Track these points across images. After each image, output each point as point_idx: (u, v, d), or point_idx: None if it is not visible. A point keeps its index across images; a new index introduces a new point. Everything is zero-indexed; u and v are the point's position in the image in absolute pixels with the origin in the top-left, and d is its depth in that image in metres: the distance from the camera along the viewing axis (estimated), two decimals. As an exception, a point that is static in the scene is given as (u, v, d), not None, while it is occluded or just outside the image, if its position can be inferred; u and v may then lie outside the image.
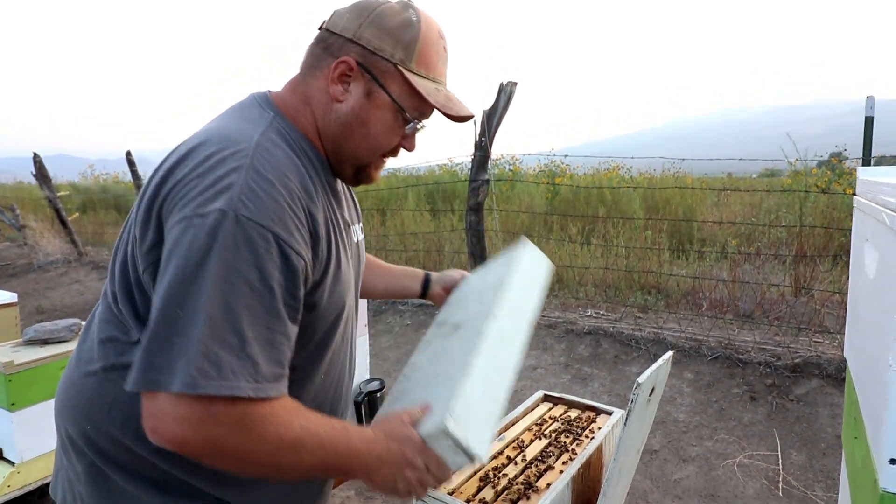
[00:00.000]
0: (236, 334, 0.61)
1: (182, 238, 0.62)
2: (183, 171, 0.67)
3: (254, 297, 0.63)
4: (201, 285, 0.60)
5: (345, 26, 0.76)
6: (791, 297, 3.65)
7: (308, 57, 0.80)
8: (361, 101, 0.76)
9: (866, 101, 2.60)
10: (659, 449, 2.43)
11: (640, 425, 1.11)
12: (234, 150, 0.67)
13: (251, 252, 0.63)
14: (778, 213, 4.88)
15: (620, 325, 3.48)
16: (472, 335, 0.89)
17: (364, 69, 0.75)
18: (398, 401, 0.89)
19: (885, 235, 0.69)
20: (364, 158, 0.81)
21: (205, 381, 0.59)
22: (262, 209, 0.64)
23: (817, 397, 2.62)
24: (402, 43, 0.76)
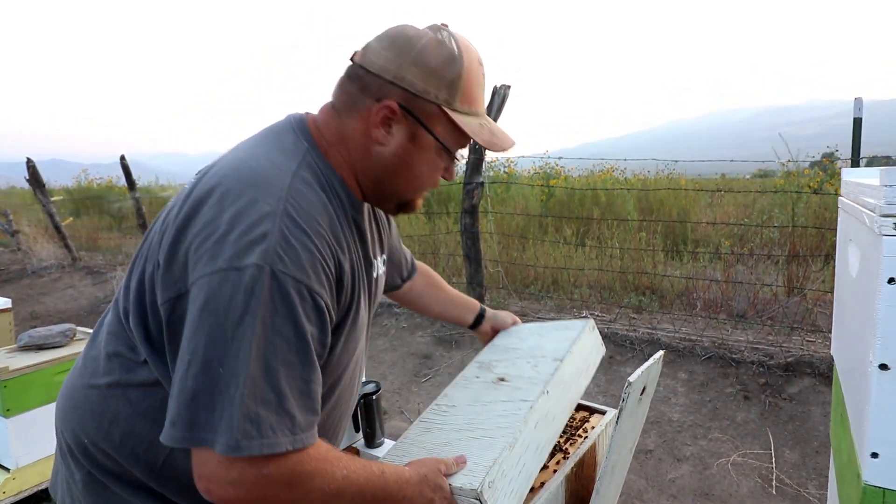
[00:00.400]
0: (275, 391, 0.63)
1: (219, 293, 0.62)
2: (213, 210, 0.66)
3: (290, 350, 0.64)
4: (241, 344, 0.61)
5: (383, 66, 0.72)
6: (784, 297, 3.68)
7: (343, 94, 0.76)
8: (405, 144, 0.75)
9: (854, 103, 2.63)
10: (654, 448, 2.45)
11: (632, 424, 1.12)
12: (267, 193, 0.67)
13: (287, 307, 0.64)
14: (771, 213, 4.92)
15: (615, 325, 3.50)
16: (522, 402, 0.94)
17: (407, 112, 0.73)
18: (430, 431, 0.95)
19: (865, 235, 0.71)
20: (407, 194, 0.81)
21: (247, 442, 0.60)
22: (296, 262, 0.65)
23: (810, 396, 2.64)
24: (445, 82, 0.73)
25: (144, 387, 0.73)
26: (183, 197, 0.71)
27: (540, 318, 3.74)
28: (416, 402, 3.05)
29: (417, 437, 0.96)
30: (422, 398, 3.09)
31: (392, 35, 0.74)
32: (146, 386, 0.73)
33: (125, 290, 0.76)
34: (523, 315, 3.86)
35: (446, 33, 0.75)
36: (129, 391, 0.74)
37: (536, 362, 1.09)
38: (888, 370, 0.62)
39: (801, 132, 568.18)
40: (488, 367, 1.14)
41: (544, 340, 1.19)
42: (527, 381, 1.02)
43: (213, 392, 0.61)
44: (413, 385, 3.25)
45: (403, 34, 0.73)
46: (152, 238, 0.74)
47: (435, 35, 0.74)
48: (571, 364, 1.08)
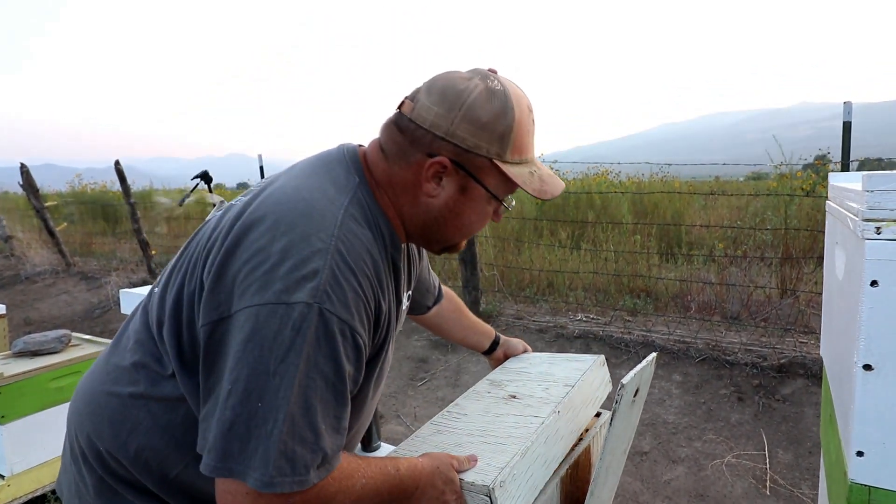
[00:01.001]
0: (312, 430, 0.64)
1: (266, 326, 0.63)
2: (265, 238, 0.66)
3: (328, 389, 0.65)
4: (283, 380, 0.62)
5: (434, 122, 0.72)
6: (777, 299, 3.71)
7: (391, 143, 0.76)
8: (456, 197, 0.76)
9: (844, 107, 2.66)
10: (649, 450, 2.47)
11: (626, 425, 1.14)
12: (319, 227, 0.67)
13: (330, 346, 0.65)
14: (764, 215, 4.96)
15: (610, 328, 3.52)
16: (534, 418, 0.99)
17: (459, 166, 0.74)
18: (441, 433, 0.99)
19: (850, 239, 0.73)
20: (454, 240, 0.83)
21: (280, 479, 0.61)
22: (343, 302, 0.66)
23: (803, 397, 2.66)
24: (496, 135, 0.73)
25: (167, 401, 0.74)
26: (233, 217, 0.71)
27: (535, 321, 3.76)
28: (413, 405, 3.06)
29: (429, 437, 0.99)
30: (418, 402, 3.09)
31: (441, 88, 0.73)
32: (169, 400, 0.73)
33: (160, 301, 0.75)
34: (519, 318, 3.87)
35: (496, 81, 0.74)
36: (152, 404, 0.74)
37: (547, 385, 1.14)
38: (872, 370, 0.63)
39: (794, 134, 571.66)
40: (500, 384, 1.20)
41: (555, 368, 1.25)
42: (538, 401, 1.07)
43: (250, 425, 0.62)
44: (409, 389, 3.25)
45: (453, 87, 0.73)
46: (194, 252, 0.74)
47: (485, 85, 0.73)
48: (581, 392, 1.13)
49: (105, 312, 5.12)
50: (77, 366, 2.04)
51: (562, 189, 0.80)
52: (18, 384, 1.90)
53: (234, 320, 0.65)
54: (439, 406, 3.02)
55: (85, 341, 2.23)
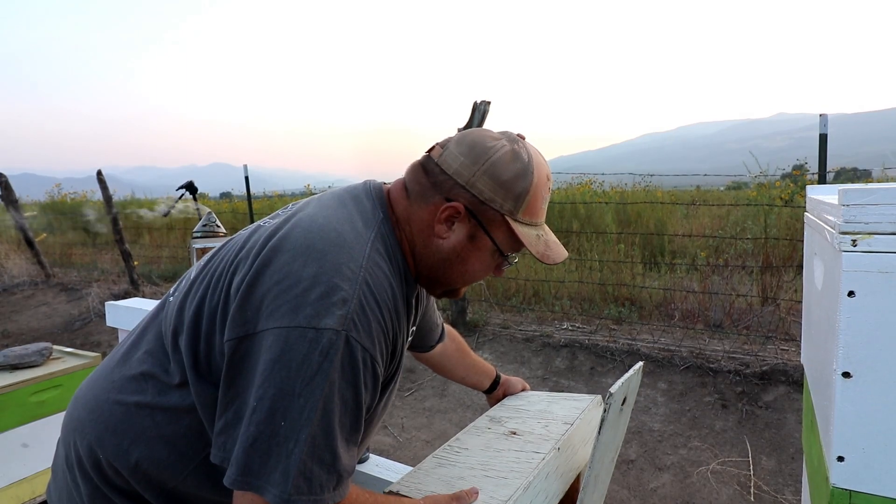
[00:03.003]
0: (330, 452, 0.66)
1: (295, 348, 0.65)
2: (297, 263, 0.69)
3: (347, 414, 0.68)
4: (307, 402, 0.64)
5: (458, 171, 0.76)
6: (758, 307, 3.78)
7: (416, 183, 0.80)
8: (464, 243, 0.79)
9: (820, 120, 2.74)
10: (635, 458, 2.49)
11: (614, 434, 1.15)
12: (349, 258, 0.70)
13: (353, 373, 0.68)
14: (744, 225, 5.06)
15: (596, 337, 3.55)
16: (535, 454, 1.02)
17: (472, 215, 0.78)
18: (443, 466, 1.02)
19: (827, 250, 0.76)
20: (457, 285, 0.86)
21: (297, 497, 0.63)
22: (367, 331, 0.69)
23: (785, 403, 2.71)
24: (513, 195, 0.77)
25: (173, 411, 0.74)
26: (264, 238, 0.74)
27: (521, 330, 3.77)
28: (400, 416, 3.05)
29: (431, 470, 1.02)
30: (405, 412, 3.08)
31: (471, 142, 0.78)
32: (175, 411, 0.74)
33: (179, 310, 0.77)
34: (505, 327, 3.89)
35: (522, 146, 0.79)
36: (157, 413, 0.74)
37: (547, 423, 1.19)
38: (850, 378, 0.66)
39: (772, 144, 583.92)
40: (499, 421, 1.23)
41: (553, 406, 1.30)
42: (538, 437, 1.11)
43: (272, 443, 0.64)
44: (396, 399, 3.24)
45: (482, 143, 0.78)
46: (219, 267, 0.75)
47: (511, 147, 0.78)
48: (579, 430, 1.17)
49: (86, 324, 5.02)
50: (58, 379, 2.00)
51: (564, 257, 0.85)
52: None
53: (262, 339, 0.67)
54: (426, 417, 3.01)
55: (66, 354, 2.19)
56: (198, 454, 0.75)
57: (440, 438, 2.78)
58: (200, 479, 0.75)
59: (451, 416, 3.01)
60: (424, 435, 2.84)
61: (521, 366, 3.39)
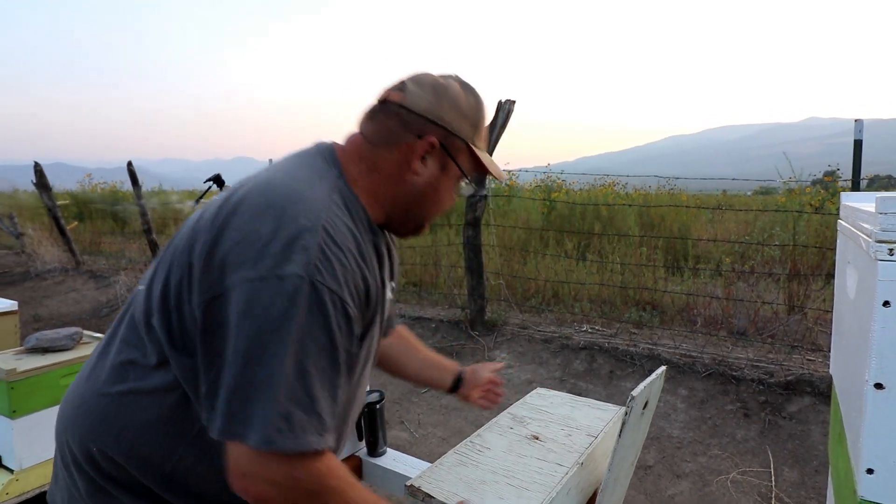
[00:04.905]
0: (307, 394, 0.67)
1: (260, 298, 0.67)
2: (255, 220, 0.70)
3: (322, 357, 0.69)
4: (279, 347, 0.66)
5: (427, 108, 0.82)
6: (784, 315, 3.69)
7: (379, 129, 0.84)
8: (437, 174, 0.86)
9: (855, 125, 2.67)
10: (653, 464, 2.46)
11: (635, 437, 1.14)
12: (306, 209, 0.72)
13: (323, 316, 0.69)
14: (772, 231, 4.95)
15: (616, 340, 3.52)
16: (558, 466, 1.04)
17: (443, 147, 0.84)
18: (465, 466, 1.04)
19: (862, 259, 0.74)
20: (429, 217, 0.92)
21: (279, 437, 0.65)
22: (333, 275, 0.70)
23: (809, 415, 2.65)
24: (472, 123, 0.86)
25: (157, 393, 0.76)
26: (218, 204, 0.75)
27: (540, 331, 3.76)
28: (417, 412, 3.06)
29: (453, 468, 1.03)
30: (422, 409, 3.10)
31: (429, 82, 0.85)
32: (158, 392, 0.76)
33: (147, 295, 0.78)
34: (524, 328, 3.88)
35: (466, 82, 0.88)
36: (142, 398, 0.76)
37: (570, 432, 1.19)
38: (883, 389, 0.64)
39: (802, 150, 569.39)
40: (522, 421, 1.24)
41: (577, 413, 1.30)
42: (561, 447, 1.12)
43: (250, 390, 0.66)
44: (413, 396, 3.25)
45: (439, 82, 0.85)
46: (178, 245, 0.77)
47: (460, 83, 0.87)
48: (603, 444, 1.17)
49: (113, 311, 5.16)
50: (88, 364, 2.06)
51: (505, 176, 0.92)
52: (31, 380, 1.93)
53: (229, 297, 0.68)
54: (442, 413, 3.02)
55: (95, 339, 2.25)
56: (188, 431, 0.76)
57: (456, 435, 2.78)
58: (196, 456, 0.77)
59: (466, 413, 3.01)
60: (440, 432, 2.85)
61: (539, 366, 3.38)
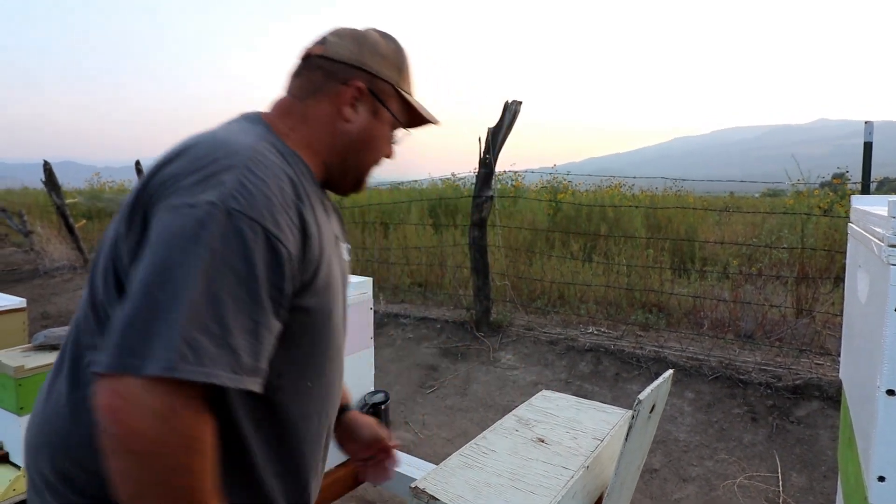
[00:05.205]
0: (218, 322, 0.60)
1: (168, 224, 0.62)
2: (173, 168, 0.67)
3: (239, 286, 0.62)
4: (185, 270, 0.59)
5: (348, 56, 0.83)
6: (792, 319, 3.66)
7: (305, 82, 0.84)
8: (370, 120, 0.85)
9: (865, 127, 2.64)
10: (659, 468, 2.44)
11: (641, 441, 1.13)
12: (229, 151, 0.68)
13: (239, 242, 0.63)
14: (780, 233, 4.91)
15: (621, 342, 3.50)
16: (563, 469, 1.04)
17: (370, 92, 0.84)
18: (470, 468, 1.03)
19: (874, 263, 0.73)
20: (367, 168, 0.90)
21: (183, 365, 0.57)
22: (253, 204, 0.64)
23: (818, 419, 2.63)
24: (396, 66, 0.86)
25: None
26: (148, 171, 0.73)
27: (546, 332, 3.74)
28: (421, 413, 3.06)
29: (458, 469, 1.03)
30: (427, 409, 3.09)
31: (349, 33, 0.85)
32: None
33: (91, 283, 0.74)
34: (529, 329, 3.86)
35: (384, 31, 0.89)
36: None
37: (576, 435, 1.19)
38: (895, 395, 0.63)
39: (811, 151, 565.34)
40: (527, 423, 1.24)
41: (582, 416, 1.29)
42: (566, 450, 1.11)
43: (151, 317, 0.59)
44: (418, 396, 3.25)
45: (358, 31, 0.86)
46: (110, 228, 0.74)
47: (378, 32, 0.88)
48: (609, 447, 1.17)
49: (120, 309, 5.19)
50: (95, 362, 2.08)
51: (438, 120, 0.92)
52: (39, 377, 1.94)
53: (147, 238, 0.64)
54: (447, 415, 3.02)
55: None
56: None
57: (461, 437, 2.78)
58: None
59: (472, 415, 3.01)
60: (445, 433, 2.85)
61: (545, 368, 3.37)
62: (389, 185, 8.15)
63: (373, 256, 5.75)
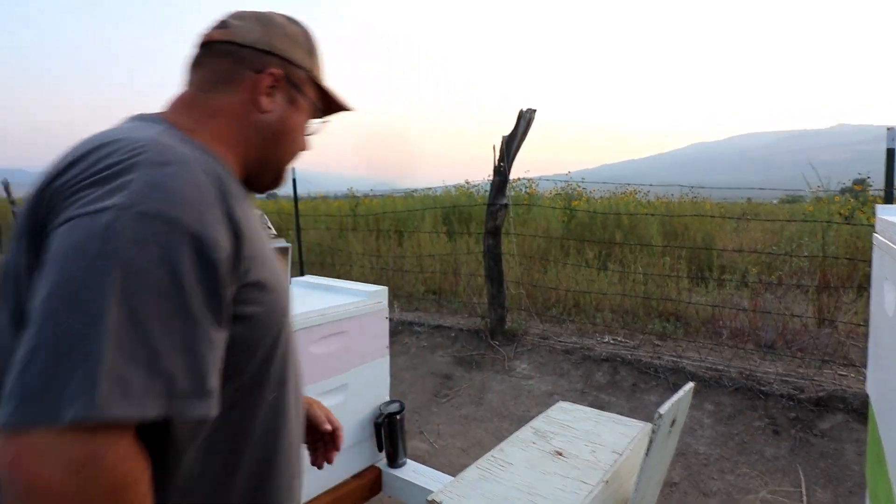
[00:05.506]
0: (144, 346, 0.51)
1: (68, 240, 0.53)
2: (67, 178, 0.58)
3: (164, 300, 0.53)
4: (95, 290, 0.50)
5: (258, 39, 0.75)
6: (814, 329, 3.59)
7: (210, 72, 0.75)
8: (287, 110, 0.79)
9: (888, 133, 2.59)
10: (679, 482, 2.40)
11: (662, 456, 1.11)
12: (130, 149, 0.59)
13: (157, 249, 0.53)
14: (800, 241, 4.82)
15: (639, 352, 3.46)
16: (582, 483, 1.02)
17: (287, 79, 0.78)
18: (488, 481, 1.02)
19: (904, 275, 0.71)
20: (287, 161, 0.83)
21: (109, 403, 0.48)
22: (168, 202, 0.55)
23: (843, 433, 2.56)
24: (307, 51, 0.81)
25: None
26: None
27: (561, 341, 3.71)
28: (436, 422, 3.04)
29: (476, 483, 1.02)
30: (441, 419, 3.08)
31: (252, 15, 0.79)
32: None
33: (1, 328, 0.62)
34: (544, 338, 3.83)
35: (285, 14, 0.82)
36: None
37: (594, 448, 1.18)
38: (929, 413, 0.61)
39: (830, 157, 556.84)
40: (544, 436, 1.23)
41: (601, 428, 1.28)
42: (585, 464, 1.10)
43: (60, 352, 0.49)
44: (433, 405, 3.24)
45: (262, 13, 0.79)
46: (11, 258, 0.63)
47: (280, 14, 0.81)
48: (628, 462, 1.15)
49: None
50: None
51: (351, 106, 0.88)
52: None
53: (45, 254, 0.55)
54: (462, 424, 3.00)
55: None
56: None
57: (476, 447, 2.76)
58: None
59: (487, 425, 2.98)
60: (460, 442, 2.83)
61: (560, 378, 3.33)
62: (403, 192, 8.18)
63: (387, 264, 5.76)
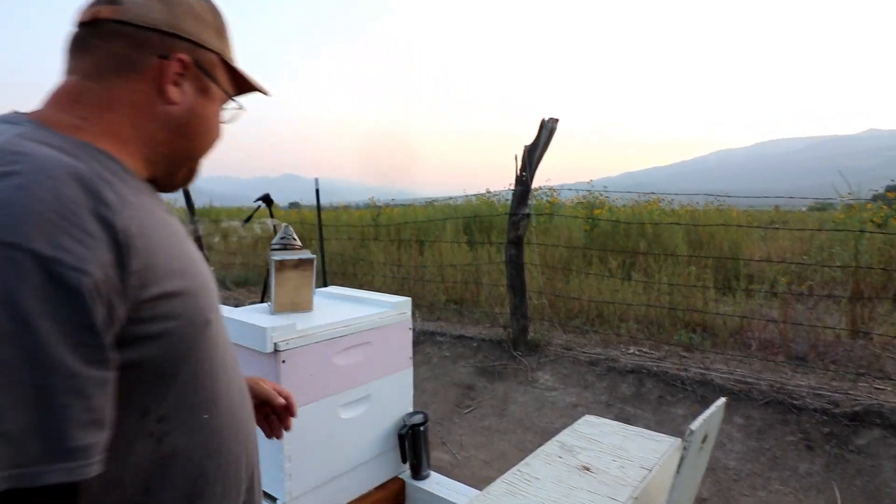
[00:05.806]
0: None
1: None
2: None
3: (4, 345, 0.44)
4: None
5: (160, 20, 0.65)
6: (848, 340, 3.48)
7: (102, 57, 0.64)
8: (199, 99, 0.70)
9: (925, 140, 2.54)
10: (708, 497, 2.34)
11: (693, 473, 1.09)
12: None
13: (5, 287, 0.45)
14: (831, 250, 4.69)
15: (665, 364, 3.39)
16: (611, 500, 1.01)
17: (196, 65, 0.68)
18: (513, 496, 1.00)
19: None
20: (200, 155, 0.74)
21: None
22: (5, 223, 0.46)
23: (880, 449, 2.47)
24: (215, 30, 0.71)
25: None
26: None
27: (585, 352, 3.67)
28: (459, 433, 3.03)
29: (502, 497, 1.01)
30: (464, 430, 3.06)
31: None
32: None
33: None
34: (567, 348, 3.79)
35: None
36: None
37: (622, 463, 1.16)
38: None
39: (861, 163, 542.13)
40: (570, 450, 1.21)
41: (628, 443, 1.26)
42: (613, 479, 1.08)
43: None
44: (455, 416, 3.22)
45: None
46: None
47: None
48: (657, 478, 1.14)
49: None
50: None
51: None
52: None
53: None
54: (485, 435, 2.98)
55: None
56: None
57: (499, 459, 2.73)
58: None
59: (510, 437, 2.96)
60: (483, 455, 2.81)
61: (585, 389, 3.29)
62: (424, 201, 8.22)
63: (409, 274, 5.78)
